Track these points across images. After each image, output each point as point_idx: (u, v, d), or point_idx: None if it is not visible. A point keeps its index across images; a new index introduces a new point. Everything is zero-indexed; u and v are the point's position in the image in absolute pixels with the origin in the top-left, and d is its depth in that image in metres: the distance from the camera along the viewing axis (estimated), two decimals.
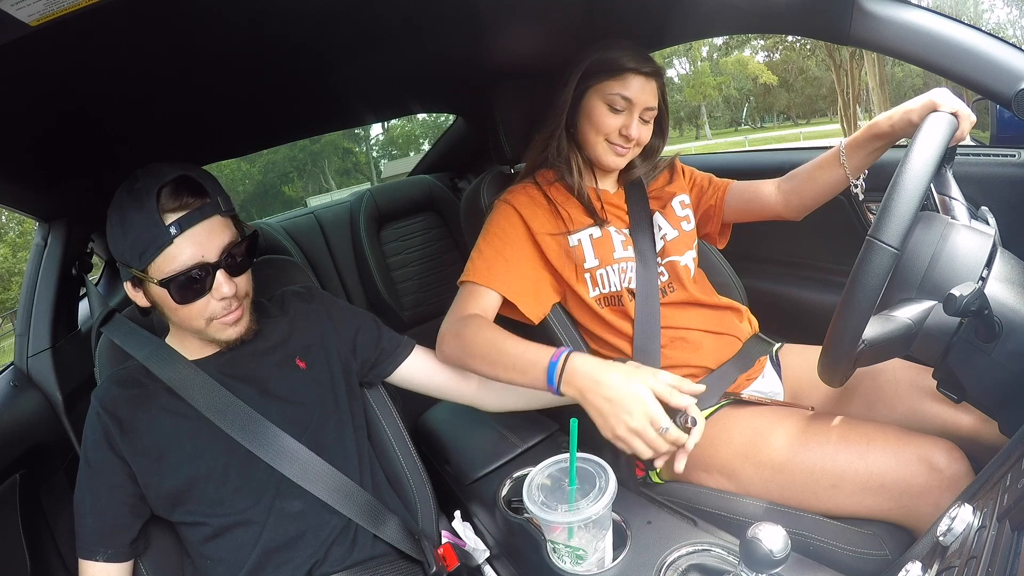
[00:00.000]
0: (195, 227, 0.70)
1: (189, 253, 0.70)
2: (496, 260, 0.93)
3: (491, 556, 0.90)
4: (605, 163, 0.98)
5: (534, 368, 0.76)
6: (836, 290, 1.24)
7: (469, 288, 0.92)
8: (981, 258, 0.66)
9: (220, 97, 0.99)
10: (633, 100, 0.93)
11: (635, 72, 0.93)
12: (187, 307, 0.72)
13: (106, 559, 0.73)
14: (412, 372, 0.93)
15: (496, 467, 1.01)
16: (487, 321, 0.86)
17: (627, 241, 0.98)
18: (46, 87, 0.70)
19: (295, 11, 0.74)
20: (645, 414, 0.68)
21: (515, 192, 0.99)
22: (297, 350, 0.84)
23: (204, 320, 0.75)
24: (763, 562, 0.53)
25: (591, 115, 0.96)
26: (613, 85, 0.93)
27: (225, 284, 0.73)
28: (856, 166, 0.92)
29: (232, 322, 0.77)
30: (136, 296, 0.76)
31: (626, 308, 0.96)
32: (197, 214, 0.70)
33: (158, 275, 0.70)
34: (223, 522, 0.74)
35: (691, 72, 34.63)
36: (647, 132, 0.98)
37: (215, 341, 0.78)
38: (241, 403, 0.76)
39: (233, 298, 0.75)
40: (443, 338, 0.88)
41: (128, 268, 0.72)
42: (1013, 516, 0.40)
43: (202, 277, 0.71)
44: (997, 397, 0.66)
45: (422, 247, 2.02)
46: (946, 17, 0.80)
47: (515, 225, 0.95)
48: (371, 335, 0.92)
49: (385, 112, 1.91)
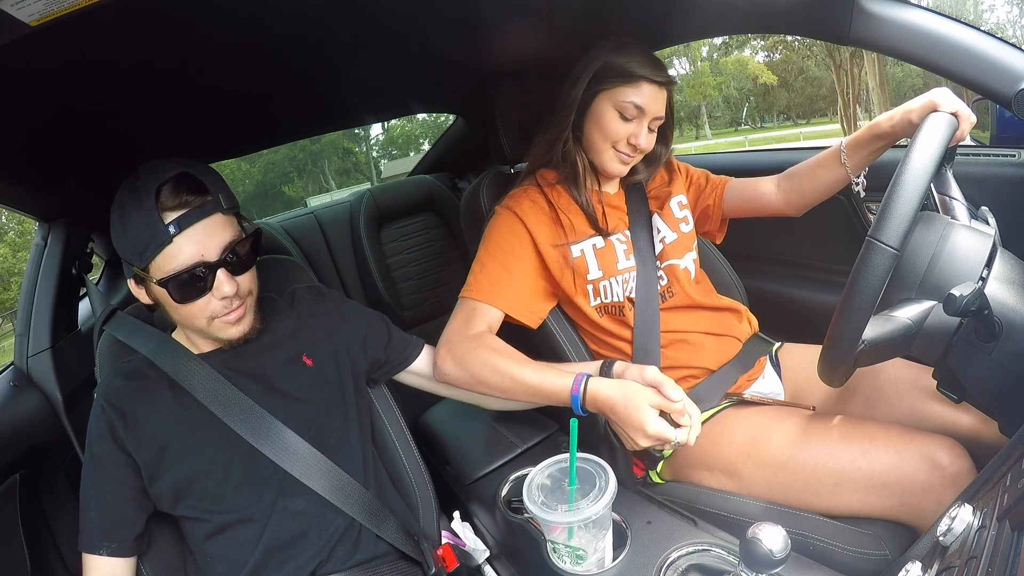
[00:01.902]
0: (195, 225, 0.69)
1: (189, 252, 0.69)
2: (500, 274, 0.92)
3: (491, 556, 0.90)
4: (609, 170, 0.98)
5: (556, 397, 0.79)
6: (836, 290, 1.24)
7: (471, 305, 0.91)
8: (981, 258, 0.66)
9: (220, 97, 0.99)
10: (645, 109, 0.92)
11: (650, 81, 0.91)
12: (187, 306, 0.72)
13: (110, 553, 0.73)
14: (420, 372, 0.94)
15: (496, 467, 1.01)
16: (493, 347, 0.84)
17: (629, 249, 0.97)
18: (46, 87, 0.70)
19: (295, 10, 0.74)
20: (652, 429, 0.70)
21: (517, 197, 0.97)
22: (305, 347, 0.84)
23: (205, 319, 0.74)
24: (763, 562, 0.53)
25: (600, 120, 0.94)
26: (626, 92, 0.91)
27: (226, 283, 0.72)
28: (857, 165, 0.92)
29: (234, 321, 0.76)
30: (139, 293, 0.75)
31: (626, 317, 0.96)
32: (197, 212, 0.69)
33: (158, 274, 0.69)
34: (225, 519, 0.74)
35: (691, 72, 34.60)
36: (652, 140, 0.97)
37: (218, 339, 0.78)
38: (244, 397, 0.76)
39: (235, 297, 0.74)
40: (444, 360, 0.86)
41: (130, 266, 0.72)
42: (1013, 516, 0.40)
43: (203, 276, 0.70)
44: (997, 397, 0.66)
45: (422, 247, 2.02)
46: (946, 17, 0.80)
47: (518, 234, 0.94)
48: (381, 335, 0.92)
49: (385, 112, 1.91)
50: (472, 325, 0.88)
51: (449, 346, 0.87)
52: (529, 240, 0.93)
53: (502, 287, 0.91)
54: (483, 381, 0.83)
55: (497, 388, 0.82)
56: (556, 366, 0.83)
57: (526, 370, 0.80)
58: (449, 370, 0.86)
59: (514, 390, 0.81)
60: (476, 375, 0.83)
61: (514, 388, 0.81)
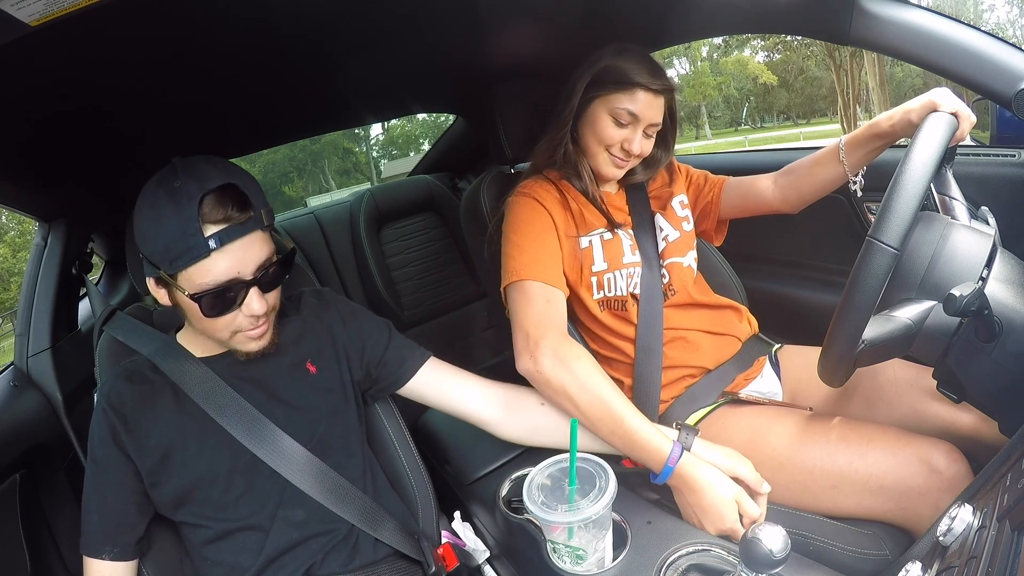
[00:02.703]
0: (235, 242, 0.66)
1: (224, 268, 0.66)
2: (540, 252, 0.89)
3: (491, 556, 0.90)
4: (604, 173, 0.98)
5: (647, 453, 0.76)
6: (836, 290, 1.24)
7: (534, 288, 0.85)
8: (981, 258, 0.66)
9: (220, 97, 0.99)
10: (639, 116, 0.91)
11: (644, 88, 0.90)
12: (213, 320, 0.69)
13: (112, 557, 0.73)
14: (427, 386, 0.87)
15: (496, 467, 1.01)
16: (597, 366, 0.81)
17: (634, 245, 0.98)
18: (46, 87, 0.70)
19: (295, 10, 0.74)
20: (729, 525, 0.72)
21: (530, 185, 0.97)
22: (308, 353, 0.82)
23: (229, 332, 0.72)
24: (763, 562, 0.53)
25: (595, 125, 0.94)
26: (621, 99, 0.91)
27: (256, 301, 0.70)
28: (855, 163, 0.92)
29: (257, 336, 0.74)
30: (158, 293, 0.72)
31: (628, 313, 0.96)
32: (239, 229, 0.66)
33: (189, 286, 0.66)
34: (226, 526, 0.74)
35: (691, 72, 34.60)
36: (649, 145, 0.96)
37: (235, 352, 0.76)
38: (243, 401, 0.75)
39: (263, 315, 0.72)
40: (544, 354, 0.80)
41: (155, 267, 0.68)
42: (1013, 516, 0.40)
43: (235, 293, 0.68)
44: (997, 397, 0.66)
45: (422, 247, 2.02)
46: (946, 17, 0.80)
47: (540, 215, 0.92)
48: (381, 342, 0.87)
49: (385, 112, 1.91)
50: (555, 313, 0.84)
51: (548, 340, 0.81)
52: (551, 221, 0.93)
53: (549, 265, 0.88)
54: (573, 394, 0.78)
55: (581, 408, 0.78)
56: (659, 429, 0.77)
57: (628, 409, 0.77)
58: (547, 367, 0.79)
59: (600, 420, 0.77)
60: (577, 383, 0.78)
61: (601, 419, 0.77)
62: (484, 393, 0.86)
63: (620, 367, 0.97)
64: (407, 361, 0.87)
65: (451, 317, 2.00)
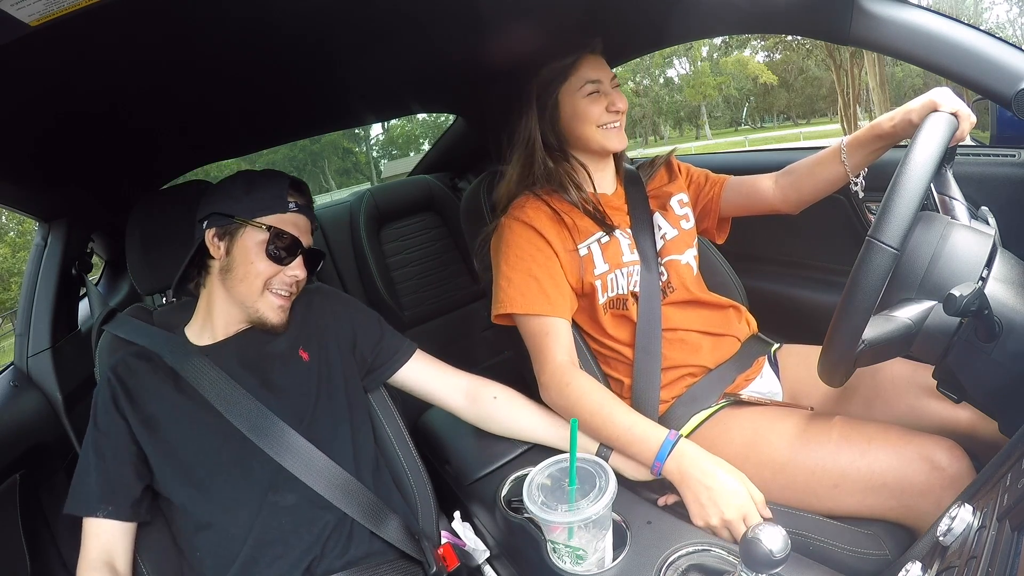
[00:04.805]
0: (302, 215, 0.87)
1: (293, 226, 0.84)
2: (529, 284, 0.92)
3: (491, 556, 0.90)
4: (609, 147, 0.99)
5: (643, 443, 0.80)
6: (836, 290, 1.24)
7: (537, 323, 0.91)
8: (981, 258, 0.66)
9: (220, 97, 0.99)
10: (599, 79, 0.96)
11: (582, 53, 0.96)
12: (262, 266, 0.81)
13: (107, 515, 0.74)
14: (411, 377, 0.94)
15: (496, 467, 1.00)
16: (592, 380, 0.88)
17: (632, 244, 0.98)
18: (46, 87, 0.70)
19: (295, 10, 0.74)
20: (740, 509, 0.72)
21: (520, 207, 0.97)
22: (301, 341, 0.87)
23: (262, 284, 0.81)
24: (763, 562, 0.53)
25: (576, 112, 0.97)
26: (576, 78, 0.96)
27: (299, 267, 0.84)
28: (856, 164, 0.92)
29: (279, 304, 0.83)
30: (214, 246, 0.82)
31: (628, 312, 0.96)
32: (307, 209, 0.89)
33: (267, 223, 0.82)
34: (211, 510, 0.75)
35: (691, 72, 34.64)
36: (624, 97, 1.00)
37: (255, 318, 0.83)
38: (249, 397, 0.78)
39: (296, 284, 0.85)
40: (547, 389, 0.89)
41: (231, 217, 0.82)
42: (1013, 516, 0.40)
43: (293, 248, 0.83)
44: (997, 397, 0.66)
45: (422, 247, 2.02)
46: (946, 17, 0.80)
47: (532, 240, 0.94)
48: (373, 334, 0.93)
49: (385, 112, 1.91)
50: (555, 349, 0.90)
51: (544, 375, 0.89)
52: (546, 243, 0.94)
53: (554, 297, 0.92)
54: (576, 412, 0.84)
55: (584, 420, 0.82)
56: (652, 422, 0.83)
57: (619, 410, 0.83)
58: (552, 400, 0.89)
59: (602, 430, 0.83)
60: (572, 405, 0.86)
61: (603, 428, 0.83)
62: (454, 383, 0.95)
63: (620, 367, 0.97)
64: (399, 351, 0.94)
65: (451, 317, 2.00)
